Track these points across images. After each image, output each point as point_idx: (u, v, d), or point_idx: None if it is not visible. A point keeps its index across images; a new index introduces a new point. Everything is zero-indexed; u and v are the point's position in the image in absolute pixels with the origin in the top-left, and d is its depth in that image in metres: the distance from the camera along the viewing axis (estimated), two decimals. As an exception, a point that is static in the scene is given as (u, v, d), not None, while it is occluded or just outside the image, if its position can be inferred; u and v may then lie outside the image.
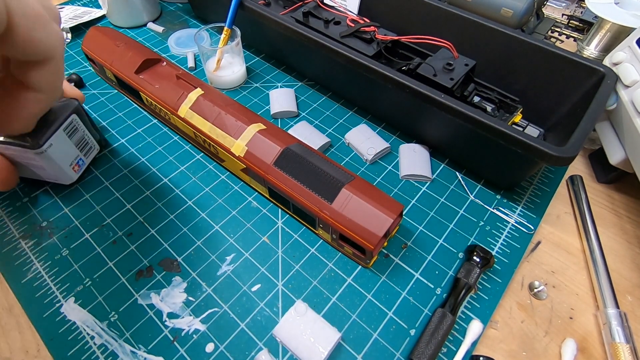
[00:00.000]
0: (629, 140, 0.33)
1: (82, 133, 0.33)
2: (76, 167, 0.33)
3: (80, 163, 0.33)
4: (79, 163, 0.33)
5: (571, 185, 0.38)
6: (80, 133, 0.33)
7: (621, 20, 0.40)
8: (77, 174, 0.33)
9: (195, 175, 0.36)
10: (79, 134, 0.33)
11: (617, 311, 0.28)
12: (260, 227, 0.33)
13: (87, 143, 0.34)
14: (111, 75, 0.41)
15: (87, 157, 0.34)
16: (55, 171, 0.31)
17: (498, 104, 0.37)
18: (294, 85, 0.46)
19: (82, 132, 0.33)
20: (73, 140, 0.32)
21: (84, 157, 0.34)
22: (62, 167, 0.31)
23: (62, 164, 0.31)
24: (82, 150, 0.34)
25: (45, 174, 0.32)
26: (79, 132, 0.32)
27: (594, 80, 0.34)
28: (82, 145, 0.33)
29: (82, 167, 0.34)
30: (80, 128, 0.33)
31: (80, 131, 0.33)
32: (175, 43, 0.51)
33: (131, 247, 0.31)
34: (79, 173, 0.34)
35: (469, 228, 0.33)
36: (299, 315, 0.27)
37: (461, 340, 0.27)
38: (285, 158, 0.30)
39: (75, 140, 0.32)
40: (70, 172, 0.32)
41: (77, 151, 0.33)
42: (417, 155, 0.38)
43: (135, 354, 0.26)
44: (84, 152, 0.34)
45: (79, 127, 0.32)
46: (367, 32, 0.40)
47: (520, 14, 0.43)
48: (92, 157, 0.35)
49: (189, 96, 0.34)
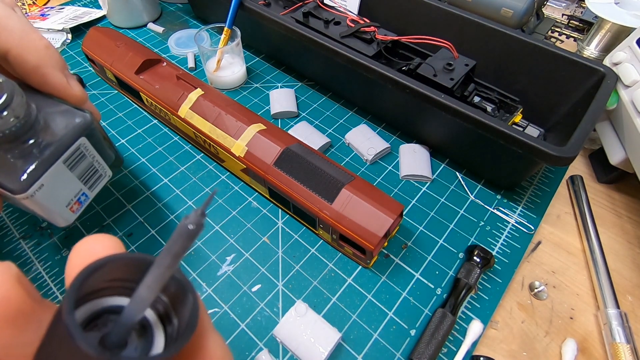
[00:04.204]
0: (629, 140, 0.33)
1: (90, 160, 0.24)
2: (75, 206, 0.24)
3: (82, 199, 0.25)
4: (80, 200, 0.24)
5: (571, 185, 0.38)
6: (87, 160, 0.24)
7: (621, 20, 0.40)
8: (75, 214, 0.24)
9: (196, 175, 0.36)
10: (86, 161, 0.24)
11: (617, 311, 0.28)
12: (260, 228, 0.33)
13: (96, 171, 0.25)
14: (111, 76, 0.41)
15: (92, 190, 0.25)
16: (44, 214, 0.23)
17: (498, 104, 0.37)
18: (294, 85, 0.46)
19: (91, 158, 0.24)
20: (76, 172, 0.23)
21: (88, 191, 0.25)
22: (55, 210, 0.23)
23: (55, 207, 0.23)
24: (87, 183, 0.25)
25: (33, 214, 0.25)
26: (86, 160, 0.24)
27: (594, 80, 0.34)
28: (89, 176, 0.25)
29: (84, 204, 0.25)
30: (89, 154, 0.24)
31: (89, 158, 0.24)
32: (176, 43, 0.51)
33: (131, 248, 0.31)
34: (78, 213, 0.25)
35: (469, 228, 0.33)
36: (299, 315, 0.27)
37: (461, 340, 0.27)
38: (285, 158, 0.30)
39: (79, 172, 0.23)
40: (66, 214, 0.24)
41: (79, 185, 0.24)
42: (417, 155, 0.38)
43: (136, 355, 0.26)
44: (89, 184, 0.25)
45: (88, 153, 0.24)
46: (367, 32, 0.40)
47: (520, 14, 0.43)
48: (99, 189, 0.26)
49: (189, 96, 0.34)
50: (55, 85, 0.22)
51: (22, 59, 0.21)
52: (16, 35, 0.21)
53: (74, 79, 0.24)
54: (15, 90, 0.18)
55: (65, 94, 0.23)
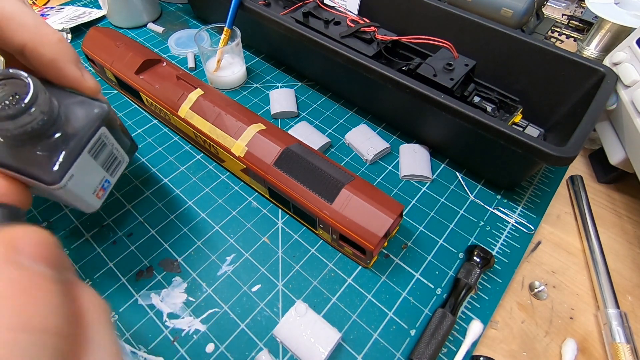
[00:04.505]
0: (629, 140, 0.33)
1: (110, 148, 0.25)
2: (100, 192, 0.25)
3: (106, 186, 0.26)
4: (104, 186, 0.25)
5: (571, 185, 0.38)
6: (108, 149, 0.25)
7: (621, 20, 0.40)
8: (100, 200, 0.25)
9: (196, 175, 0.36)
10: (107, 150, 0.24)
11: (617, 311, 0.28)
12: (260, 228, 0.33)
13: (116, 158, 0.26)
14: (111, 76, 0.41)
15: (113, 176, 0.26)
16: (74, 202, 0.24)
17: (498, 104, 0.37)
18: (294, 85, 0.46)
19: (111, 146, 0.25)
20: (99, 160, 0.24)
21: (110, 178, 0.26)
22: (84, 198, 0.24)
23: (83, 195, 0.24)
24: (109, 170, 0.26)
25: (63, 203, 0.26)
26: (107, 148, 0.24)
27: (594, 80, 0.34)
28: (110, 163, 0.26)
29: (107, 190, 0.26)
30: (109, 143, 0.24)
31: (109, 146, 0.25)
32: (176, 43, 0.51)
33: (131, 248, 0.31)
34: (103, 198, 0.26)
35: (469, 228, 0.33)
36: (299, 315, 0.27)
37: (461, 340, 0.27)
38: (285, 158, 0.30)
39: (101, 160, 0.24)
40: (93, 200, 0.25)
41: (103, 172, 0.25)
42: (417, 155, 0.38)
43: (136, 354, 0.26)
44: (110, 171, 0.26)
45: (108, 141, 0.24)
46: (367, 33, 0.40)
47: (520, 14, 0.43)
48: (119, 175, 0.27)
49: (189, 96, 0.34)
50: (71, 78, 0.23)
51: (38, 53, 0.21)
52: (31, 30, 0.21)
53: (87, 71, 0.24)
54: (39, 86, 0.19)
55: (80, 86, 0.23)
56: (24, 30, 0.21)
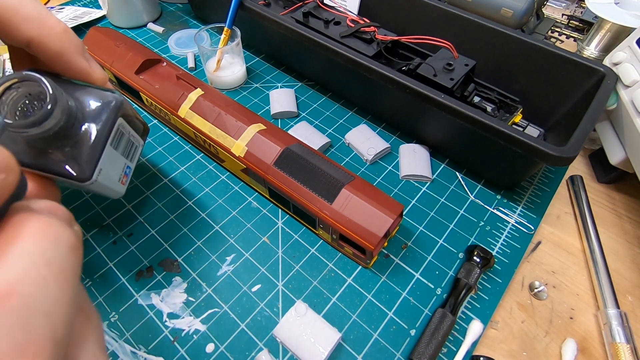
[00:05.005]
0: (629, 140, 0.33)
1: (127, 136, 0.25)
2: (124, 179, 0.26)
3: (128, 172, 0.27)
4: (127, 172, 0.26)
5: (571, 185, 0.38)
6: (126, 137, 0.25)
7: (621, 20, 0.40)
8: (125, 186, 0.27)
9: (196, 175, 0.36)
10: (125, 138, 0.25)
11: (617, 311, 0.28)
12: (260, 228, 0.33)
13: (133, 144, 0.27)
14: (111, 76, 0.41)
15: (132, 161, 0.27)
16: (102, 191, 0.25)
17: (498, 104, 0.37)
18: (294, 85, 0.46)
19: (128, 134, 0.26)
20: (120, 150, 0.25)
21: (130, 163, 0.27)
22: (111, 187, 0.25)
23: (111, 185, 0.25)
24: (129, 156, 0.26)
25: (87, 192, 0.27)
26: (125, 137, 0.25)
27: (594, 80, 0.34)
28: (128, 150, 0.26)
29: (129, 176, 0.27)
30: (126, 131, 0.25)
31: (127, 135, 0.25)
32: (176, 43, 0.51)
33: (131, 248, 0.31)
34: (127, 184, 0.27)
35: (469, 228, 0.33)
36: (299, 315, 0.27)
37: (461, 340, 0.27)
38: (285, 158, 0.30)
39: (122, 149, 0.25)
40: (119, 187, 0.26)
41: (124, 160, 0.26)
42: (417, 155, 0.38)
43: (136, 354, 0.26)
44: (129, 157, 0.27)
45: (125, 130, 0.25)
46: (367, 32, 0.40)
47: (520, 14, 0.43)
48: (137, 158, 0.28)
49: (189, 96, 0.34)
50: (79, 69, 0.22)
51: (45, 46, 0.21)
52: (35, 23, 0.20)
53: (94, 61, 0.23)
54: (55, 87, 0.18)
55: (89, 77, 0.23)
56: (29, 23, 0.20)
